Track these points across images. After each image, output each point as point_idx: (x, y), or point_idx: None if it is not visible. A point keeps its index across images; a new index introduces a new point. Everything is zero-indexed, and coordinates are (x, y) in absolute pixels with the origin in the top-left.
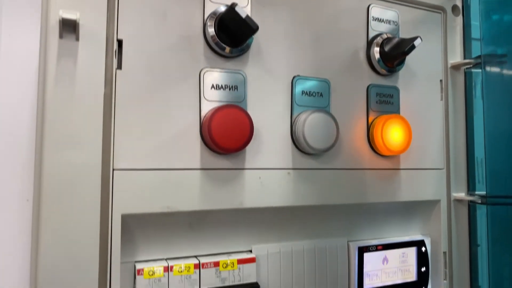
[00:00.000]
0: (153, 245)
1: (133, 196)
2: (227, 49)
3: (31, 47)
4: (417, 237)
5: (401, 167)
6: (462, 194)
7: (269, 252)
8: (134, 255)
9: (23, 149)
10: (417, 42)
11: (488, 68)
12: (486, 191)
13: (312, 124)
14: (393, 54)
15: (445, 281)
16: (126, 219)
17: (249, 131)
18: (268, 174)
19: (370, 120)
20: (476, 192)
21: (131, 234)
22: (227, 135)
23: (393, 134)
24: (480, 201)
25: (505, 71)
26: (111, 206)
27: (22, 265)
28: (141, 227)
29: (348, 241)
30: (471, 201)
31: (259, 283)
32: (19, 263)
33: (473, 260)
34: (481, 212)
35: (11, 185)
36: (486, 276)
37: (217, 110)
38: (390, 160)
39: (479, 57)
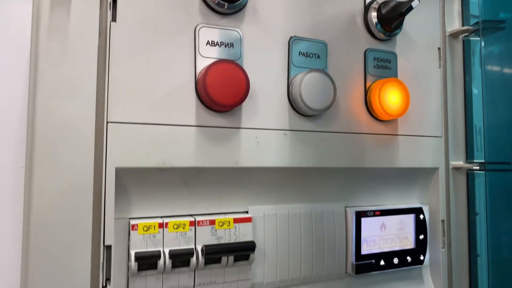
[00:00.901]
0: (148, 203)
1: (127, 150)
2: (223, 5)
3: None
4: (415, 205)
5: (399, 133)
6: (460, 162)
7: (265, 214)
8: (129, 211)
9: (17, 116)
10: (414, 3)
11: (486, 34)
12: (485, 158)
13: (309, 83)
14: (391, 16)
15: (443, 249)
16: (121, 174)
17: (245, 87)
18: (264, 134)
19: (367, 85)
20: (475, 160)
21: (126, 190)
22: (222, 91)
23: (390, 97)
24: (478, 168)
25: (503, 37)
26: (105, 159)
27: (15, 228)
28: (136, 184)
29: (345, 207)
30: (469, 169)
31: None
32: (14, 226)
33: (472, 229)
34: (480, 181)
35: (6, 153)
36: (485, 245)
37: (212, 65)
38: (388, 125)
39: (477, 23)
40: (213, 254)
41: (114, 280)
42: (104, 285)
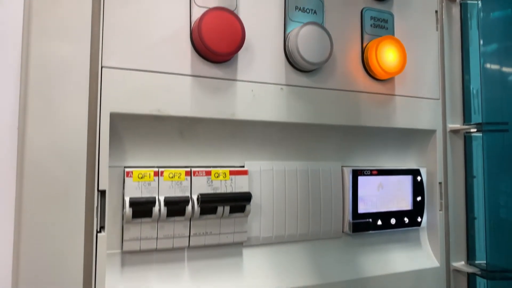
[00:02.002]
0: (143, 153)
1: (122, 96)
2: None
3: None
4: (413, 166)
5: (396, 94)
6: (457, 125)
7: (261, 169)
8: (123, 160)
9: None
10: None
11: None
12: (482, 119)
13: (306, 36)
14: None
15: (440, 212)
16: (115, 121)
17: (241, 35)
18: (260, 88)
19: (364, 44)
20: (472, 123)
21: (120, 139)
22: (218, 38)
23: (388, 54)
24: (475, 130)
25: (501, 0)
26: (99, 104)
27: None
28: (131, 132)
29: (342, 166)
30: (466, 132)
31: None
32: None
33: (469, 191)
34: (477, 143)
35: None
36: (482, 208)
37: (207, 12)
38: (386, 85)
39: None
40: (209, 202)
41: (108, 227)
42: (98, 230)
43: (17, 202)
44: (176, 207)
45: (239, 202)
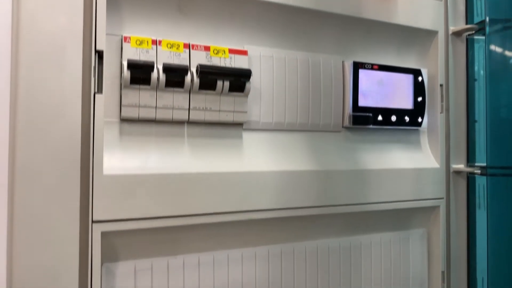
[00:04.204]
0: (141, 25)
1: None
2: None
3: None
4: (414, 66)
5: None
6: (460, 27)
7: (262, 55)
8: (121, 29)
9: None
10: None
11: None
12: (485, 19)
13: None
14: None
15: (441, 114)
16: None
17: None
18: None
19: None
20: (474, 23)
21: (119, 10)
22: None
23: None
24: (478, 28)
25: None
26: None
27: None
28: (129, 2)
29: (343, 61)
30: (469, 34)
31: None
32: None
33: (470, 94)
34: (479, 46)
35: None
36: (483, 111)
37: None
38: None
39: None
40: (208, 75)
41: (106, 92)
42: (96, 91)
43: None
44: (175, 75)
45: (238, 78)
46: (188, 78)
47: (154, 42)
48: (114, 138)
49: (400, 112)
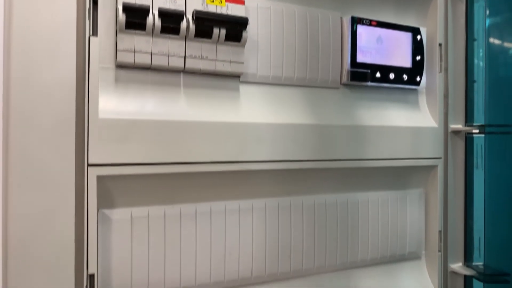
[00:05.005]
0: None
1: None
2: None
3: None
4: (413, 24)
5: None
6: None
7: (259, 6)
8: None
9: None
10: None
11: None
12: None
13: None
14: None
15: (440, 74)
16: None
17: None
18: None
19: None
20: None
21: None
22: None
23: None
24: None
25: None
26: None
27: None
28: None
29: (341, 17)
30: None
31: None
32: None
33: (469, 54)
34: (479, 5)
35: None
36: (482, 70)
37: None
38: None
39: None
40: (204, 21)
41: (101, 35)
42: (91, 34)
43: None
44: (170, 21)
45: (235, 26)
46: (183, 24)
47: None
48: (110, 84)
49: (398, 70)
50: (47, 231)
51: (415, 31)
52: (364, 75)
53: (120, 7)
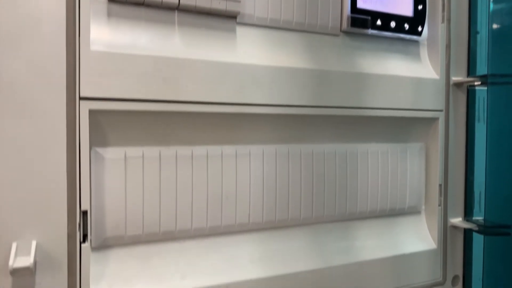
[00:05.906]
0: None
1: None
2: None
3: None
4: None
5: None
6: None
7: None
8: None
9: None
10: None
11: None
12: None
13: None
14: None
15: (442, 24)
16: None
17: None
18: None
19: None
20: None
21: None
22: None
23: None
24: None
25: None
26: None
27: None
28: None
29: None
30: None
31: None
32: None
33: (472, 4)
34: None
35: None
36: (486, 21)
37: None
38: None
39: None
40: None
41: None
42: None
43: None
44: None
45: None
46: None
47: None
48: (102, 18)
49: (399, 19)
50: (38, 164)
51: None
52: (365, 22)
53: None
